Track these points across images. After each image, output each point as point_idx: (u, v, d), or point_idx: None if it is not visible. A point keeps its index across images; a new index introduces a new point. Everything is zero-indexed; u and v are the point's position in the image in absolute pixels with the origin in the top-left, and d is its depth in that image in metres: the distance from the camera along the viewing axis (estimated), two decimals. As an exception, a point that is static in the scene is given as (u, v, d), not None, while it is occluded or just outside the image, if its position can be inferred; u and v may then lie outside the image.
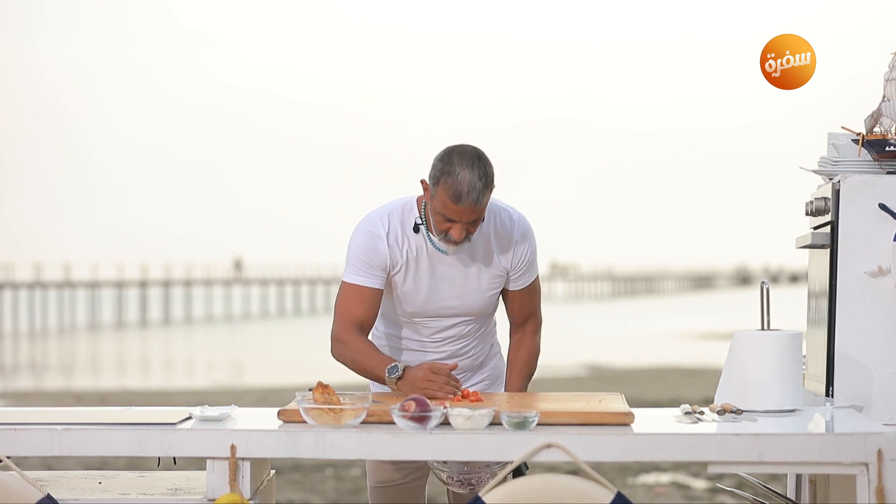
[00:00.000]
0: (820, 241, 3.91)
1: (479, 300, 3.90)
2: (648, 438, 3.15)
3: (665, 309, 59.77)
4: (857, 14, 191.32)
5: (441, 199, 3.66)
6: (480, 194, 3.65)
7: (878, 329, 3.77)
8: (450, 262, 3.85)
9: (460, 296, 3.88)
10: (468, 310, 3.91)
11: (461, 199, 3.63)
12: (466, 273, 3.86)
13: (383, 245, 3.82)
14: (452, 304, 3.88)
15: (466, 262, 3.86)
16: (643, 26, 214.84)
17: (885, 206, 3.77)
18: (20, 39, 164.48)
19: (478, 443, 3.16)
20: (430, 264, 3.85)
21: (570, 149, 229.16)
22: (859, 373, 3.77)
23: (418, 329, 3.94)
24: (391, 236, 3.83)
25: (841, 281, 3.80)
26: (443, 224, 3.70)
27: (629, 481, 9.25)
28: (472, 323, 3.96)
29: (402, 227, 3.84)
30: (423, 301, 3.87)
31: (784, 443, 3.13)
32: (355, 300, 3.83)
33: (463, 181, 3.63)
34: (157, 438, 3.25)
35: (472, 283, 3.87)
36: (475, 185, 3.63)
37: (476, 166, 3.65)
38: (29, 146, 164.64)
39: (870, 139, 3.84)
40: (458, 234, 3.70)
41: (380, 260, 3.82)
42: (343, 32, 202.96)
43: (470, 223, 3.70)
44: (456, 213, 3.66)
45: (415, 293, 3.86)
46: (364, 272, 3.83)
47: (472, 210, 3.66)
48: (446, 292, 3.87)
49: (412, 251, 3.84)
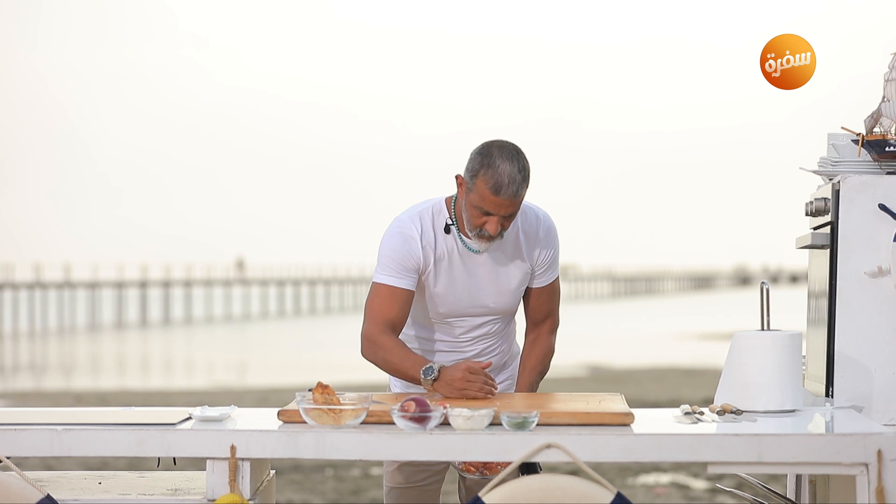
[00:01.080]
0: (820, 242, 3.91)
1: (511, 298, 3.93)
2: (648, 439, 3.15)
3: (665, 309, 59.77)
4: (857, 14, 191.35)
5: (479, 192, 3.69)
6: (520, 187, 3.69)
7: (878, 329, 3.77)
8: (481, 261, 3.87)
9: (493, 294, 3.90)
10: (500, 308, 3.93)
11: (501, 190, 3.67)
12: (497, 272, 3.89)
13: (417, 246, 3.84)
14: (485, 304, 3.91)
15: (497, 261, 3.88)
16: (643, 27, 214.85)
17: (885, 207, 3.77)
18: (20, 40, 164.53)
19: (478, 443, 3.16)
20: (462, 264, 3.87)
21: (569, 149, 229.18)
22: (859, 373, 3.77)
23: (449, 329, 3.95)
24: (424, 237, 3.85)
25: (841, 281, 3.80)
26: (479, 218, 3.73)
27: (629, 481, 9.25)
28: (500, 321, 3.99)
29: (434, 228, 3.86)
30: (457, 301, 3.89)
31: (784, 443, 3.13)
32: (388, 301, 3.84)
33: (503, 172, 3.67)
34: (157, 439, 3.25)
35: (504, 281, 3.90)
36: (515, 178, 3.68)
37: (515, 159, 3.70)
38: (28, 146, 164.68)
39: (870, 139, 3.84)
40: (493, 227, 3.71)
41: (413, 262, 3.84)
42: (341, 33, 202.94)
43: (506, 217, 3.72)
44: (494, 206, 3.69)
45: (448, 293, 3.88)
46: (397, 273, 3.84)
47: (511, 203, 3.69)
48: (479, 291, 3.89)
49: (444, 252, 3.86)
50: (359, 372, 15.73)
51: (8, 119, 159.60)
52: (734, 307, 58.47)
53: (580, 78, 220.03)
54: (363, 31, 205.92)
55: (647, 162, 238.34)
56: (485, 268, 3.88)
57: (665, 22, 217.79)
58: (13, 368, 25.95)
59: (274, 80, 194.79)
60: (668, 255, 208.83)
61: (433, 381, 3.67)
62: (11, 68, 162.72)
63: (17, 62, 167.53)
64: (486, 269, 3.88)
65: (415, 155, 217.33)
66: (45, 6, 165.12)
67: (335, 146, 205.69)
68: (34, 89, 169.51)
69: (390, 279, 3.84)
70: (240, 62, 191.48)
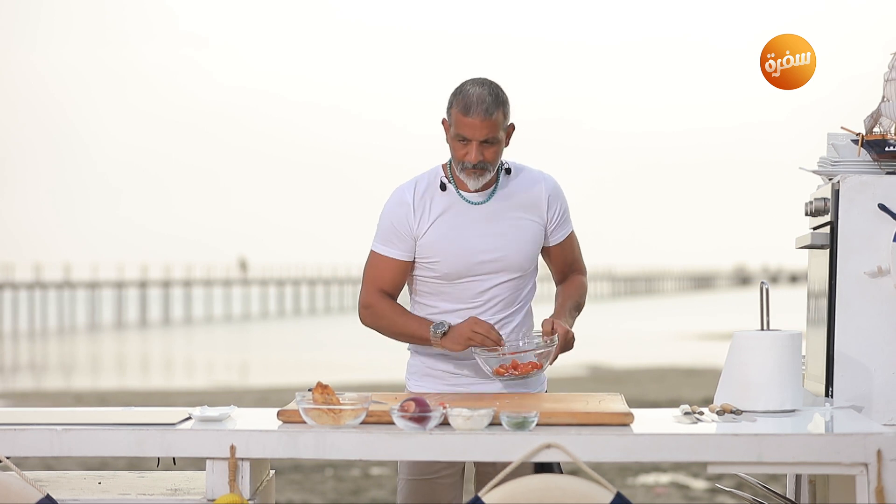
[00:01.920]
0: (820, 242, 3.91)
1: (519, 251, 3.90)
2: (648, 439, 3.15)
3: (665, 309, 59.78)
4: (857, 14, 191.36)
5: (455, 120, 3.78)
6: (491, 106, 3.75)
7: (878, 329, 3.77)
8: (484, 213, 3.88)
9: (500, 247, 3.88)
10: (510, 262, 3.89)
11: (471, 109, 3.74)
12: (503, 222, 3.89)
13: (409, 210, 3.88)
14: (493, 257, 3.87)
15: (501, 212, 3.89)
16: (643, 27, 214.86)
17: (884, 207, 3.77)
18: (20, 40, 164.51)
19: (477, 443, 3.16)
20: (463, 218, 3.88)
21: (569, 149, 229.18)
22: (859, 373, 3.77)
23: (459, 295, 3.91)
24: (416, 199, 3.88)
25: (841, 281, 3.80)
26: (460, 151, 3.79)
27: (629, 481, 9.25)
28: (514, 282, 3.93)
29: (428, 189, 3.90)
30: (462, 256, 3.87)
31: (784, 443, 3.13)
32: (380, 269, 3.91)
33: (472, 94, 3.76)
34: (156, 439, 3.25)
35: (511, 231, 3.89)
36: (484, 97, 3.75)
37: (486, 84, 3.80)
38: (28, 146, 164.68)
39: (869, 139, 3.84)
40: (473, 154, 3.76)
41: (406, 227, 3.88)
42: (340, 33, 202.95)
43: (484, 143, 3.76)
44: (469, 129, 3.75)
45: (451, 248, 3.86)
46: (390, 242, 3.89)
47: (483, 122, 3.74)
48: (484, 244, 3.87)
49: (442, 209, 3.88)
50: (359, 372, 15.73)
51: (8, 119, 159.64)
52: (734, 307, 58.47)
53: (580, 78, 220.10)
54: (363, 31, 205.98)
55: (647, 162, 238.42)
56: (489, 219, 3.88)
57: (665, 22, 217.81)
58: (13, 368, 25.94)
59: (274, 80, 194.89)
60: (668, 255, 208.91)
61: (442, 336, 3.79)
62: (11, 68, 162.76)
63: (17, 62, 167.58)
64: (491, 219, 3.89)
65: (415, 155, 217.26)
66: (45, 6, 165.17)
67: (335, 146, 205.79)
68: (34, 89, 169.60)
69: (382, 247, 3.91)
70: (240, 62, 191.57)
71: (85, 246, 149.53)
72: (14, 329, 46.86)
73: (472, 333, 3.77)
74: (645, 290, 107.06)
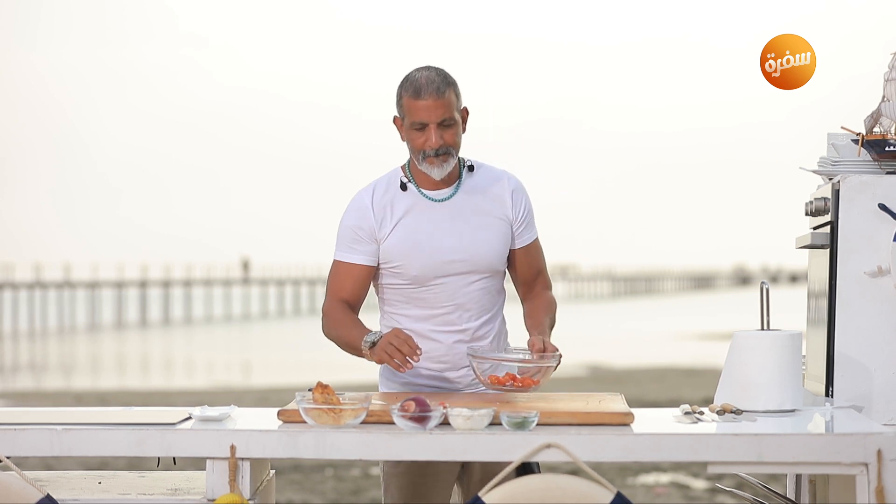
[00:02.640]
0: (820, 242, 3.91)
1: (488, 248, 3.80)
2: (648, 438, 3.15)
3: (665, 309, 59.78)
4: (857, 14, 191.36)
5: (407, 108, 3.71)
6: (441, 85, 3.70)
7: (878, 329, 3.77)
8: (449, 210, 3.79)
9: (468, 245, 3.78)
10: (479, 261, 3.79)
11: (421, 90, 3.69)
12: (469, 219, 3.80)
13: (369, 214, 3.80)
14: (461, 257, 3.78)
15: (466, 209, 3.80)
16: (643, 27, 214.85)
17: (884, 207, 3.77)
18: (20, 40, 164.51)
19: (477, 443, 3.16)
20: (427, 218, 3.79)
21: (569, 150, 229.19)
22: (859, 373, 3.77)
23: (431, 300, 3.81)
24: (376, 202, 3.80)
25: (841, 281, 3.80)
26: (418, 139, 3.71)
27: (629, 481, 9.25)
28: (486, 284, 3.83)
29: (388, 191, 3.82)
30: (429, 256, 3.77)
31: (784, 443, 3.13)
32: (341, 277, 3.84)
33: (420, 77, 3.72)
34: (156, 438, 3.25)
35: (477, 230, 3.80)
36: (432, 79, 3.71)
37: (431, 68, 3.76)
38: (28, 146, 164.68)
39: (869, 139, 3.84)
40: (434, 139, 3.69)
41: (365, 232, 3.80)
42: (340, 33, 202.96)
43: (441, 125, 3.69)
44: (424, 111, 3.68)
45: (417, 249, 3.77)
46: (351, 248, 3.82)
47: (436, 102, 3.68)
48: (451, 243, 3.78)
49: (404, 209, 3.80)
50: (359, 372, 15.72)
51: (8, 119, 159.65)
52: (734, 307, 58.47)
53: (580, 78, 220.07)
54: (363, 31, 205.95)
55: (647, 162, 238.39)
56: (454, 217, 3.79)
57: (665, 22, 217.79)
58: (13, 368, 25.95)
59: (274, 80, 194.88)
60: (667, 255, 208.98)
61: (370, 348, 3.65)
62: (11, 68, 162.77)
63: (17, 62, 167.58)
64: (456, 217, 3.79)
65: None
66: (45, 6, 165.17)
67: (335, 146, 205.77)
68: (34, 89, 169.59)
69: (345, 255, 3.83)
70: (240, 62, 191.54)
71: (85, 246, 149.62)
72: (14, 329, 46.87)
73: (385, 344, 3.59)
74: (645, 290, 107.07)
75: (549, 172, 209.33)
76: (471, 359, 3.64)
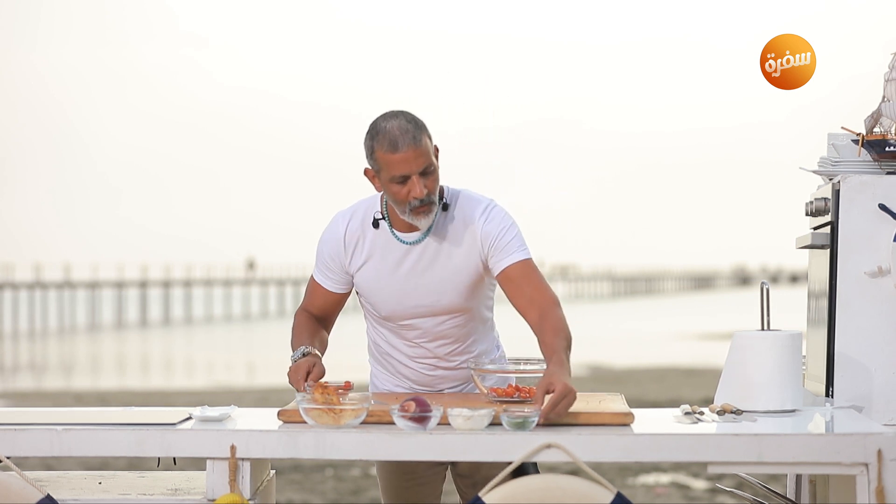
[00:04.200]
0: (820, 242, 3.91)
1: (456, 293, 3.67)
2: (648, 439, 3.15)
3: (665, 309, 59.77)
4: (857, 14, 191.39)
5: (384, 162, 3.52)
6: (416, 135, 3.52)
7: (878, 329, 3.77)
8: (418, 255, 3.67)
9: (434, 291, 3.68)
10: (447, 305, 3.70)
11: (398, 145, 3.51)
12: (436, 264, 3.67)
13: (340, 247, 3.73)
14: (428, 302, 3.70)
15: (436, 252, 3.67)
16: (643, 27, 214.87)
17: (885, 207, 3.77)
18: (20, 40, 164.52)
19: (478, 443, 3.16)
20: (395, 261, 3.68)
21: (569, 150, 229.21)
22: (859, 373, 3.77)
23: (405, 334, 3.77)
24: (348, 236, 3.72)
25: (841, 281, 3.80)
26: (400, 192, 3.53)
27: (629, 481, 9.25)
28: (460, 320, 3.74)
29: (363, 224, 3.72)
30: (396, 301, 3.70)
31: (784, 443, 3.13)
32: (314, 294, 3.83)
33: (392, 128, 3.52)
34: (157, 439, 3.25)
35: (445, 275, 3.67)
36: (406, 128, 3.52)
37: (399, 115, 3.57)
38: (28, 146, 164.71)
39: (870, 139, 3.84)
40: (418, 189, 3.52)
41: (338, 264, 3.74)
42: (340, 33, 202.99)
43: (423, 175, 3.53)
44: (403, 164, 3.50)
45: (383, 293, 3.71)
46: (324, 274, 3.78)
47: (415, 151, 3.51)
48: (419, 289, 3.68)
49: (374, 248, 3.70)
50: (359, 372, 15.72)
51: (8, 119, 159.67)
52: (734, 307, 58.47)
53: (580, 78, 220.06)
54: (363, 31, 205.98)
55: (647, 162, 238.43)
56: (422, 260, 3.67)
57: (665, 22, 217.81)
58: (13, 368, 25.94)
59: (274, 80, 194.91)
60: (667, 255, 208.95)
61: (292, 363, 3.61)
62: (11, 68, 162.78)
63: (17, 62, 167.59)
64: (424, 261, 3.67)
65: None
66: (45, 6, 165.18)
67: (335, 146, 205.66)
68: (34, 89, 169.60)
69: (319, 276, 3.80)
70: (240, 62, 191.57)
71: (85, 246, 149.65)
72: (14, 329, 46.86)
73: (291, 370, 3.57)
74: (645, 290, 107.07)
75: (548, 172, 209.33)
76: (473, 373, 3.58)
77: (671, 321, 43.91)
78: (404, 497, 3.88)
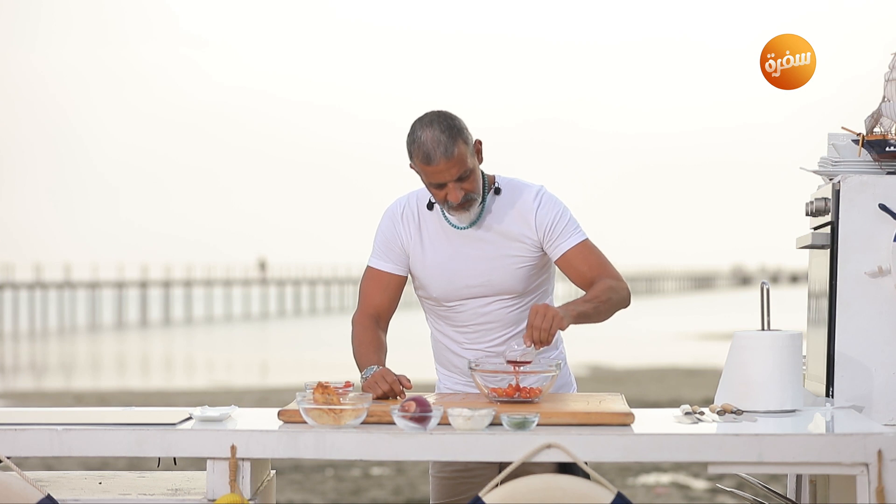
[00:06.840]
0: (820, 242, 3.91)
1: (507, 275, 3.78)
2: (648, 439, 3.15)
3: (665, 309, 59.75)
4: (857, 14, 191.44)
5: (421, 171, 3.66)
6: (448, 146, 3.60)
7: (878, 329, 3.77)
8: (470, 237, 3.79)
9: (485, 272, 3.77)
10: (499, 287, 3.79)
11: (431, 158, 3.60)
12: (488, 247, 3.78)
13: (399, 225, 3.84)
14: (479, 282, 3.78)
15: (488, 235, 3.78)
16: (642, 27, 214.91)
17: (885, 207, 3.77)
18: (19, 40, 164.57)
19: (478, 443, 3.16)
20: (449, 242, 3.80)
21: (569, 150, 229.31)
22: (859, 373, 3.77)
23: (456, 318, 3.84)
24: (406, 215, 3.84)
25: (841, 281, 3.80)
26: (439, 194, 3.68)
27: (629, 481, 9.26)
28: (510, 303, 3.81)
29: (418, 206, 3.84)
30: (448, 282, 3.79)
31: (784, 443, 3.13)
32: (373, 285, 3.86)
33: (427, 140, 3.60)
34: (157, 439, 3.25)
35: (497, 257, 3.77)
36: (440, 139, 3.60)
37: (436, 122, 3.63)
38: (28, 147, 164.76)
39: (870, 139, 3.84)
40: (454, 195, 3.64)
41: (397, 242, 3.84)
42: (339, 33, 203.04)
43: (459, 181, 3.63)
44: (438, 174, 3.62)
45: (436, 274, 3.80)
46: (383, 256, 3.86)
47: (449, 163, 3.60)
48: (469, 270, 3.78)
49: (430, 230, 3.82)
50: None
51: (7, 119, 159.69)
52: (734, 307, 58.46)
53: (580, 78, 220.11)
54: (363, 31, 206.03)
55: (647, 162, 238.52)
56: (475, 245, 3.78)
57: (664, 22, 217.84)
58: (13, 368, 25.94)
59: (273, 80, 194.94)
60: (667, 255, 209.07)
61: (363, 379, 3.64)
62: (11, 68, 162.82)
63: (17, 62, 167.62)
64: (476, 245, 3.78)
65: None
66: (45, 6, 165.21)
67: (335, 146, 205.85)
68: (34, 89, 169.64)
69: (376, 261, 3.86)
70: (239, 62, 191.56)
71: (85, 246, 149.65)
72: (14, 329, 46.86)
73: (373, 385, 3.57)
74: (645, 290, 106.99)
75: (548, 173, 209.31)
76: (472, 372, 3.56)
77: (671, 321, 43.92)
78: (456, 491, 3.85)
